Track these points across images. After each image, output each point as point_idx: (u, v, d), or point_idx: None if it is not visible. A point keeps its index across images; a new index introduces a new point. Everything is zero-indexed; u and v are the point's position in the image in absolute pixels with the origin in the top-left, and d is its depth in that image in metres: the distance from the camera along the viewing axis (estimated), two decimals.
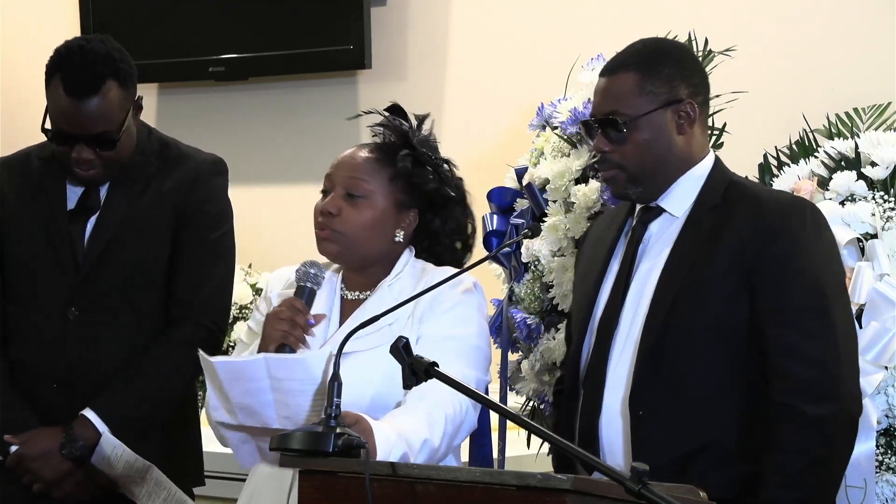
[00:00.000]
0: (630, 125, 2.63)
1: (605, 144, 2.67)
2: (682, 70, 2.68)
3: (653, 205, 2.70)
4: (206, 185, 3.13)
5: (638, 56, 2.69)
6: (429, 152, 2.73)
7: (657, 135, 2.65)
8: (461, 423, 2.52)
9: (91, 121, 2.94)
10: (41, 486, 3.03)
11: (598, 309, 2.72)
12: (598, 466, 1.96)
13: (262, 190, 4.89)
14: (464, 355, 2.57)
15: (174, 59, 4.93)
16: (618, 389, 2.63)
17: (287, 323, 2.55)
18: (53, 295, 3.06)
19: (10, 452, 3.03)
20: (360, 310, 2.67)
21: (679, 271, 2.61)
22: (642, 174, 2.66)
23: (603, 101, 2.69)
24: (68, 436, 3.00)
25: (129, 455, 2.99)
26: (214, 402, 2.55)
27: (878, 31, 3.81)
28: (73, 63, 2.93)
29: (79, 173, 3.01)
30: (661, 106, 2.64)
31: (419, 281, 2.65)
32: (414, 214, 2.72)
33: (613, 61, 2.73)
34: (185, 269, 3.08)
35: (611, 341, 2.66)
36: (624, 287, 2.68)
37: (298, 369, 2.45)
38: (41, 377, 3.06)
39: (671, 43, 2.78)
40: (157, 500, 3.01)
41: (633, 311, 2.65)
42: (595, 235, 2.87)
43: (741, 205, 2.62)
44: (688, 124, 2.66)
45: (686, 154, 2.68)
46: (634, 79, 2.65)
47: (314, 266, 2.63)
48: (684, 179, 2.68)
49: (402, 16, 4.71)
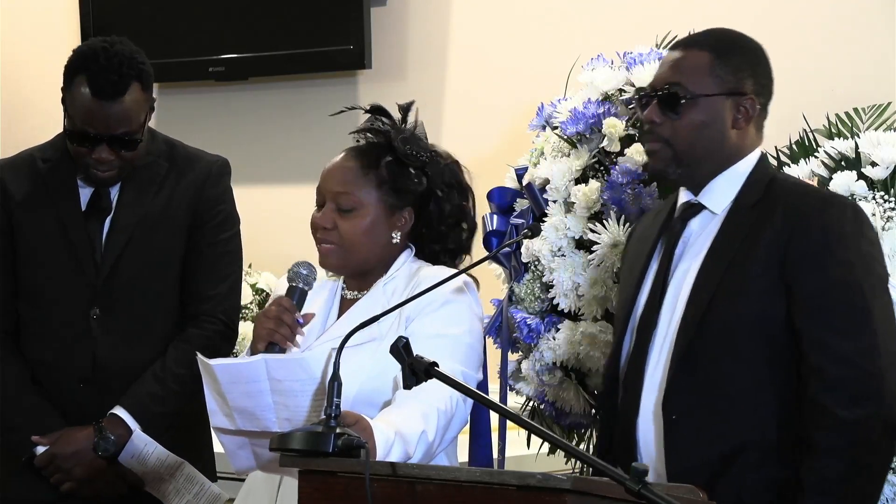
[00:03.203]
0: (689, 102, 2.59)
1: (658, 116, 2.62)
2: (753, 66, 2.65)
3: (694, 201, 2.65)
4: (218, 185, 3.18)
5: (716, 39, 2.66)
6: (413, 150, 2.72)
7: (712, 120, 2.60)
8: (452, 417, 2.52)
9: (115, 122, 2.97)
10: (72, 485, 3.05)
11: (638, 309, 2.68)
12: (598, 466, 1.96)
13: (262, 190, 4.90)
14: (455, 353, 2.58)
15: (174, 59, 4.94)
16: (653, 392, 2.59)
17: (274, 321, 2.58)
18: (74, 296, 3.08)
19: (37, 453, 3.04)
20: (353, 309, 2.70)
21: (716, 270, 2.56)
22: (687, 156, 2.61)
23: (668, 71, 2.64)
24: (101, 434, 3.02)
25: (160, 452, 3.03)
26: (213, 406, 2.55)
27: (878, 31, 3.81)
28: (99, 64, 2.95)
29: (97, 174, 3.03)
30: (725, 93, 2.60)
31: (411, 280, 2.67)
32: (409, 213, 2.72)
33: (689, 37, 2.71)
34: (201, 268, 3.14)
35: (649, 342, 2.62)
36: (662, 287, 2.64)
37: (298, 370, 2.45)
38: (66, 376, 3.08)
39: (751, 39, 2.72)
40: (187, 497, 3.04)
41: (670, 310, 2.61)
42: (639, 233, 2.83)
43: (781, 200, 2.57)
44: (744, 120, 2.62)
45: (735, 150, 2.63)
46: (707, 58, 2.61)
47: (306, 266, 2.66)
48: (726, 175, 2.63)
49: (402, 16, 4.71)
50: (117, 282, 3.08)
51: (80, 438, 3.04)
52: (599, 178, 3.25)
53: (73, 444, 3.03)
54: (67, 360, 3.08)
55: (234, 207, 3.23)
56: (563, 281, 3.25)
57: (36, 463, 3.05)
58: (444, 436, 2.52)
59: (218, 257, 3.16)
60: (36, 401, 3.08)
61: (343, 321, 2.68)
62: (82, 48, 3.04)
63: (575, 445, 2.97)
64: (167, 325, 3.13)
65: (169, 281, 3.13)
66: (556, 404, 3.36)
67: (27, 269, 3.12)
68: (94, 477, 3.05)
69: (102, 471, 3.05)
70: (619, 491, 1.89)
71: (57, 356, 3.09)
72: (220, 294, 3.13)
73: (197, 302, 3.13)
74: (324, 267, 2.74)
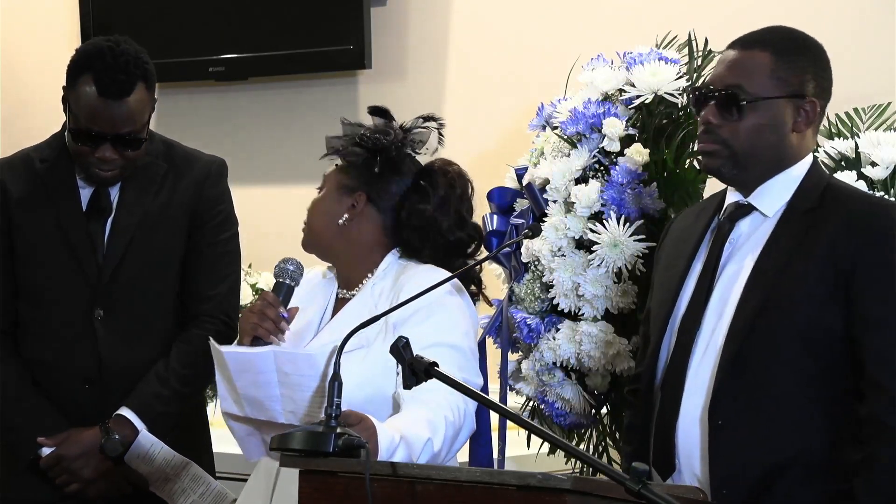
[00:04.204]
0: (750, 104, 2.53)
1: (716, 117, 2.56)
2: (816, 67, 2.59)
3: (744, 202, 2.59)
4: (217, 185, 3.19)
5: (778, 38, 2.60)
6: (372, 135, 2.74)
7: (773, 123, 2.55)
8: (461, 427, 2.52)
9: (121, 121, 2.97)
10: (78, 485, 3.05)
11: (680, 309, 2.61)
12: (598, 466, 1.96)
13: (262, 190, 4.90)
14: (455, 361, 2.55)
15: (174, 59, 4.94)
16: (697, 397, 2.53)
17: (258, 316, 2.62)
18: (76, 296, 3.09)
19: (43, 454, 3.04)
20: (344, 309, 2.72)
21: (768, 276, 2.50)
22: (746, 158, 2.55)
23: (728, 72, 2.58)
24: (108, 435, 3.03)
25: (166, 452, 3.04)
26: (223, 391, 2.59)
27: (878, 31, 3.81)
28: (106, 63, 2.94)
29: (99, 174, 3.03)
30: (787, 95, 2.55)
31: (397, 280, 2.68)
32: (361, 198, 2.74)
33: (750, 36, 2.63)
34: (201, 268, 3.15)
35: (692, 345, 2.56)
36: (708, 288, 2.57)
37: (305, 365, 2.46)
38: (69, 377, 3.09)
39: (812, 39, 2.65)
40: (193, 496, 3.04)
41: (716, 315, 2.55)
42: (678, 230, 2.76)
43: (836, 209, 2.50)
44: (805, 122, 2.57)
45: (795, 152, 2.58)
46: (769, 59, 2.56)
47: (292, 262, 2.69)
48: (781, 178, 2.57)
49: (402, 16, 4.71)
50: (119, 282, 3.09)
51: (86, 439, 3.04)
52: (599, 178, 3.25)
53: (80, 445, 3.04)
54: (70, 360, 3.08)
55: (233, 208, 3.23)
56: (563, 281, 3.25)
57: (42, 464, 3.05)
58: (451, 446, 2.51)
59: (218, 257, 3.17)
60: (36, 401, 3.08)
61: (335, 321, 2.71)
62: (87, 47, 3.03)
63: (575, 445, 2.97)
64: (168, 326, 3.14)
65: (169, 281, 3.14)
66: (556, 404, 3.36)
67: (27, 269, 3.12)
68: (101, 478, 3.05)
69: (109, 471, 3.05)
70: (620, 491, 1.89)
71: (59, 357, 3.09)
72: (221, 294, 3.13)
73: (197, 302, 3.14)
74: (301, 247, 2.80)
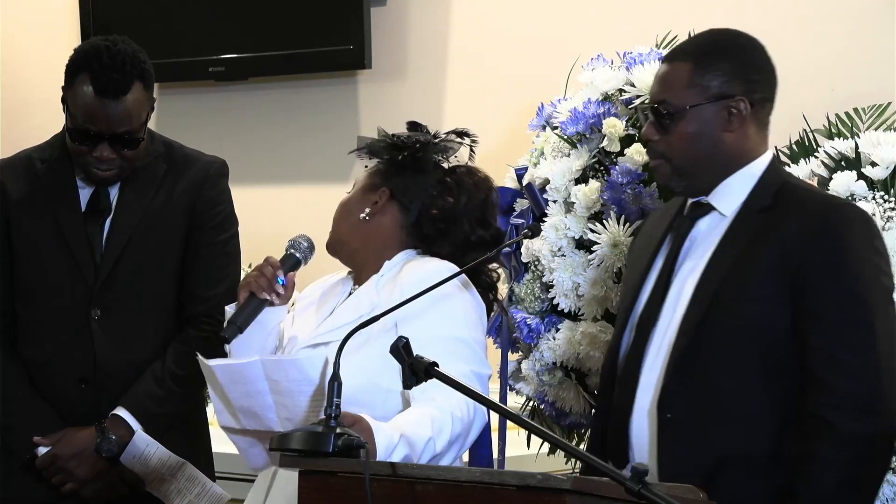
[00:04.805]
0: (676, 116, 2.59)
1: (653, 133, 2.63)
2: (740, 66, 2.62)
3: (703, 201, 2.64)
4: (216, 186, 3.19)
5: (698, 47, 2.65)
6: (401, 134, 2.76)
7: (703, 129, 2.59)
8: (471, 422, 2.50)
9: (118, 120, 2.97)
10: (74, 485, 3.05)
11: (640, 305, 2.67)
12: (598, 466, 1.96)
13: (262, 190, 4.89)
14: (462, 354, 2.56)
15: (174, 59, 4.94)
16: (649, 390, 2.58)
17: (256, 271, 2.67)
18: (73, 296, 3.08)
19: (38, 454, 3.04)
20: (346, 302, 2.71)
21: (719, 272, 2.54)
22: (686, 167, 2.61)
23: (656, 88, 2.65)
24: (103, 435, 3.02)
25: (162, 452, 3.04)
26: (218, 405, 2.58)
27: (878, 31, 3.81)
28: (103, 63, 2.95)
29: (97, 173, 3.03)
30: (710, 100, 2.59)
31: (399, 273, 2.66)
32: (384, 194, 2.74)
33: (675, 49, 2.70)
34: (200, 269, 3.14)
35: (647, 340, 2.61)
36: (665, 284, 2.62)
37: (293, 370, 2.45)
38: (67, 377, 3.08)
39: (737, 37, 2.70)
40: (189, 497, 3.05)
41: (672, 310, 2.60)
42: (645, 230, 2.82)
43: (790, 208, 2.54)
44: (738, 121, 2.60)
45: (737, 152, 2.61)
46: (687, 69, 2.60)
47: (307, 239, 2.74)
48: (737, 177, 2.61)
49: (402, 16, 4.70)
50: (117, 282, 3.08)
51: (82, 439, 3.04)
52: (599, 178, 3.25)
53: (76, 445, 3.03)
54: (67, 360, 3.08)
55: (233, 208, 3.23)
56: (563, 281, 3.25)
57: (37, 464, 3.05)
58: (464, 441, 2.50)
59: (216, 258, 3.16)
60: (32, 401, 3.08)
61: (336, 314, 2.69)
62: (85, 47, 3.04)
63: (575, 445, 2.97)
64: (165, 326, 3.13)
65: (167, 282, 3.13)
66: (556, 404, 3.36)
67: (25, 269, 3.11)
68: (96, 478, 3.05)
69: (104, 472, 3.05)
70: (619, 491, 1.88)
71: (55, 356, 3.08)
72: (219, 295, 3.12)
73: (195, 303, 3.13)
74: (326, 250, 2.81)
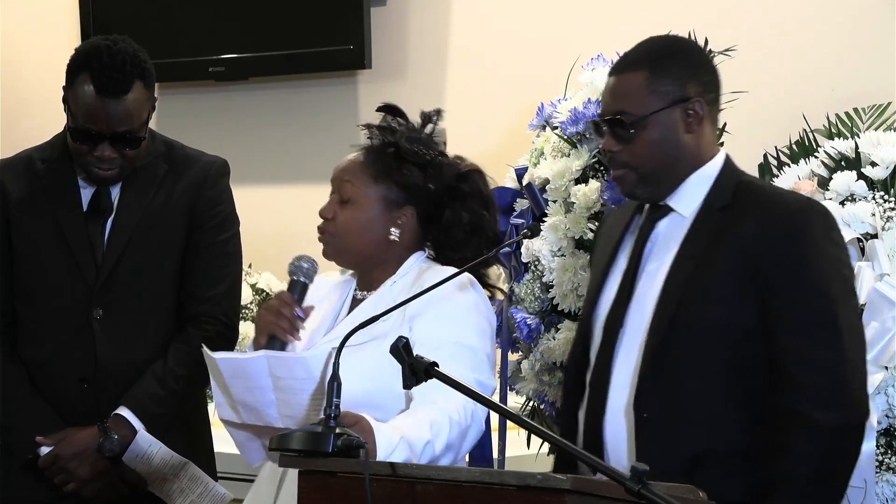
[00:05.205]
0: (638, 124, 2.60)
1: (614, 144, 2.63)
2: (691, 68, 2.64)
3: (661, 203, 2.66)
4: (216, 186, 3.18)
5: (647, 54, 2.66)
6: (416, 148, 2.72)
7: (666, 133, 2.61)
8: (468, 427, 2.50)
9: (118, 120, 2.97)
10: (75, 485, 3.05)
11: (604, 307, 2.68)
12: (598, 466, 1.96)
13: (262, 190, 4.89)
14: (468, 361, 2.55)
15: (174, 59, 4.94)
16: (622, 390, 2.60)
17: (274, 315, 2.62)
18: (74, 296, 3.08)
19: (41, 454, 3.04)
20: (358, 308, 2.70)
21: (683, 272, 2.57)
22: (652, 174, 2.62)
23: (611, 100, 2.66)
24: (106, 434, 3.02)
25: (164, 452, 3.04)
26: (219, 398, 2.58)
27: (878, 31, 3.81)
28: (103, 62, 2.95)
29: (98, 173, 3.03)
30: (670, 105, 2.60)
31: (417, 279, 2.66)
32: (410, 213, 2.72)
33: (622, 60, 2.70)
34: (200, 269, 3.14)
35: (616, 341, 2.63)
36: (630, 286, 2.65)
37: (298, 368, 2.45)
38: (67, 377, 3.08)
39: (681, 40, 2.75)
40: (192, 496, 3.05)
41: (639, 311, 2.62)
42: (606, 231, 2.84)
43: (749, 206, 2.58)
44: (696, 122, 2.62)
45: (695, 153, 2.64)
46: (643, 77, 2.61)
47: (307, 260, 2.69)
48: (694, 178, 2.63)
49: (402, 16, 4.70)
50: (118, 282, 3.08)
51: (84, 439, 3.04)
52: (599, 178, 3.25)
53: (78, 445, 3.03)
54: (67, 360, 3.08)
55: (234, 208, 3.23)
56: (563, 281, 3.25)
57: (40, 464, 3.05)
58: (460, 447, 2.50)
59: (217, 258, 3.16)
60: (34, 401, 3.08)
61: (348, 320, 2.68)
62: (85, 46, 3.04)
63: None
64: (166, 326, 3.13)
65: (168, 282, 3.13)
66: (556, 404, 3.36)
67: (26, 268, 3.11)
68: (98, 478, 3.05)
69: (106, 471, 3.05)
70: (619, 491, 1.88)
71: (56, 356, 3.08)
72: (219, 294, 3.13)
73: (196, 303, 3.13)
74: (325, 257, 2.75)
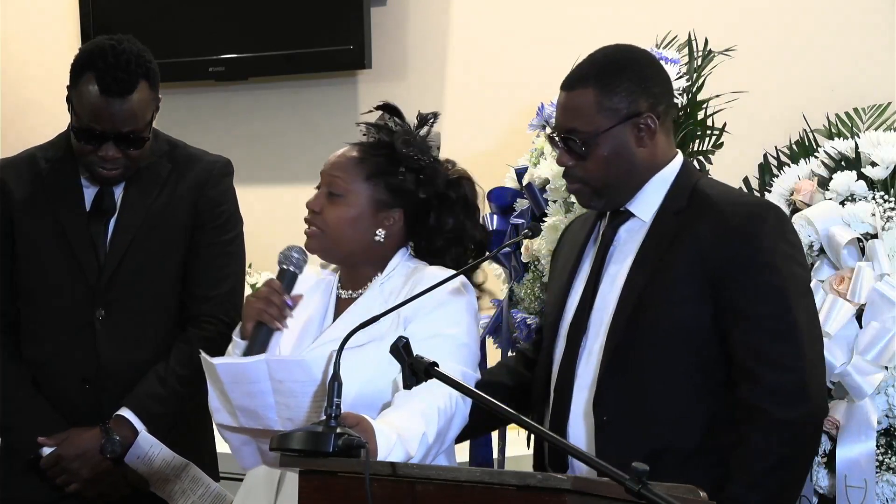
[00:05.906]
0: (589, 143, 2.61)
1: (568, 160, 2.65)
2: (641, 82, 2.64)
3: (621, 209, 2.68)
4: (218, 186, 3.19)
5: (596, 70, 2.65)
6: (412, 152, 2.72)
7: (618, 149, 2.62)
8: (453, 417, 2.53)
9: (123, 119, 2.97)
10: (77, 485, 3.05)
11: (569, 312, 2.71)
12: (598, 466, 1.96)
13: (262, 190, 4.89)
14: (455, 353, 2.59)
15: (174, 59, 4.93)
16: (584, 393, 2.63)
17: (263, 301, 2.62)
18: (76, 296, 3.08)
19: (43, 454, 3.04)
20: (351, 309, 2.71)
21: (642, 276, 2.60)
22: (605, 188, 2.65)
23: (562, 117, 2.67)
24: (108, 435, 3.03)
25: (166, 453, 3.04)
26: (216, 403, 2.57)
27: (878, 31, 3.81)
28: (108, 62, 2.95)
29: (102, 172, 3.03)
30: (620, 122, 2.61)
31: (409, 279, 2.67)
32: (398, 215, 2.72)
33: (572, 74, 2.69)
34: (202, 269, 3.14)
35: (579, 346, 2.66)
36: (593, 291, 2.68)
37: (298, 371, 2.45)
38: (68, 377, 3.09)
39: (630, 53, 2.72)
40: (193, 497, 3.05)
41: (600, 315, 2.65)
42: (569, 237, 2.87)
43: (704, 209, 2.61)
44: (648, 136, 2.63)
45: (650, 163, 2.66)
46: (592, 95, 2.62)
47: (297, 250, 2.69)
48: (651, 184, 2.66)
49: (402, 16, 4.70)
50: (120, 283, 3.08)
51: (86, 439, 3.04)
52: None
53: (80, 446, 3.04)
54: (68, 360, 3.08)
55: (237, 208, 3.23)
56: None
57: (42, 464, 3.05)
58: (445, 436, 2.52)
59: (217, 258, 3.16)
60: (36, 401, 3.08)
61: (341, 322, 2.69)
62: (90, 46, 3.04)
63: None
64: (168, 326, 3.14)
65: (170, 282, 3.14)
66: None
67: (28, 268, 3.11)
68: (100, 478, 3.05)
69: (108, 472, 3.05)
70: (619, 491, 1.88)
71: (57, 356, 3.09)
72: (221, 295, 3.13)
73: (198, 303, 3.13)
74: (307, 249, 2.74)
